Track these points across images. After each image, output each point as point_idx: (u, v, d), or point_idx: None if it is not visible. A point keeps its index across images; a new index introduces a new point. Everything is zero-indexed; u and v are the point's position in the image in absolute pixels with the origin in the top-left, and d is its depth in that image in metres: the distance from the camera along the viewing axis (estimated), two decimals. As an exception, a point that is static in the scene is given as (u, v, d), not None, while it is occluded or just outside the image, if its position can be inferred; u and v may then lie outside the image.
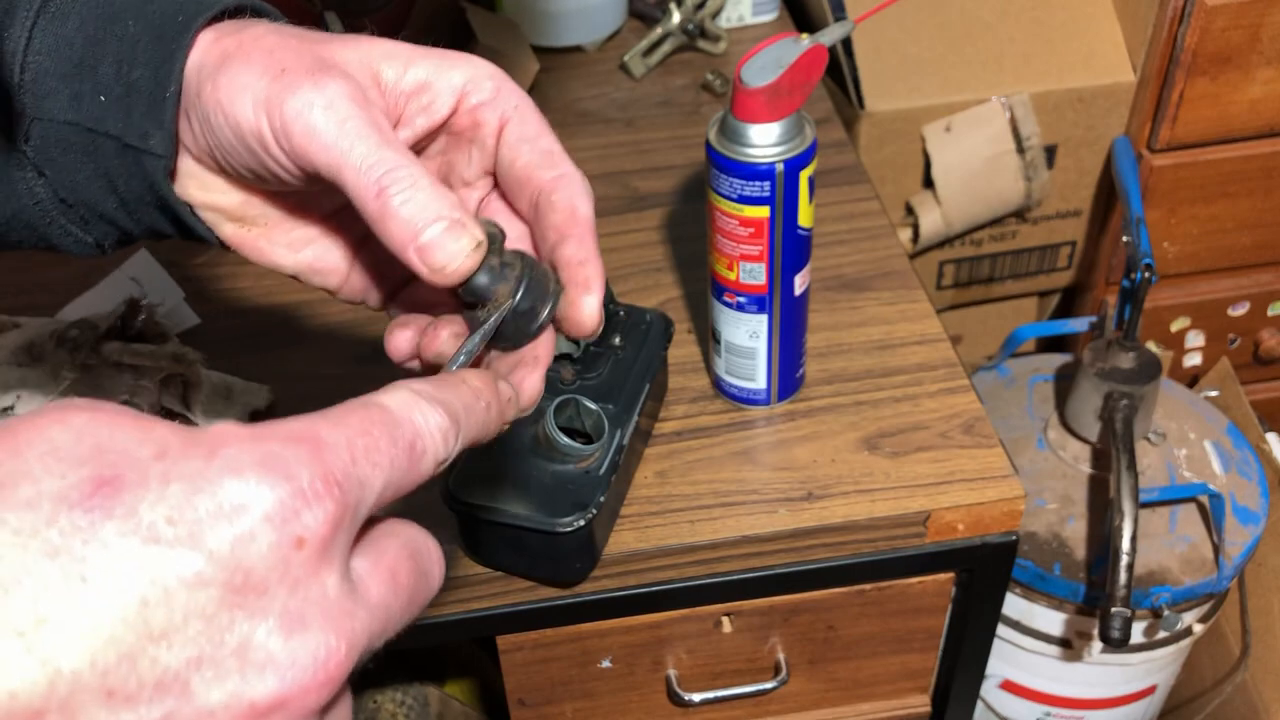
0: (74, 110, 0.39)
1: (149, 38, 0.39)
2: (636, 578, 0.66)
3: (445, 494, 0.61)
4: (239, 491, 0.25)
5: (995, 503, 0.66)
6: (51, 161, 0.40)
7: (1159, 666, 1.05)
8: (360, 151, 0.35)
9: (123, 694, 0.23)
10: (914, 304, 0.78)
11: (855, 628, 0.72)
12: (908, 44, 1.09)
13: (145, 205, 0.41)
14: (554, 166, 0.41)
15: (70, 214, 0.41)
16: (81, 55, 0.39)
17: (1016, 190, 1.12)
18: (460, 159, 0.42)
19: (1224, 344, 1.23)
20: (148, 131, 0.39)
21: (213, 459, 0.25)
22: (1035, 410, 1.08)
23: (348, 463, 0.27)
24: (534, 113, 0.41)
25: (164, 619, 0.24)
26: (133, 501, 0.24)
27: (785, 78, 0.59)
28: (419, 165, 0.36)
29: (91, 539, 0.24)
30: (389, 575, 0.29)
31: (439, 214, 0.35)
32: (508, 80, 0.41)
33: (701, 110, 0.99)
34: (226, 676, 0.25)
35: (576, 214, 0.40)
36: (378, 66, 0.39)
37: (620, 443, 0.62)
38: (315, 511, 0.26)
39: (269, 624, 0.25)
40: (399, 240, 0.35)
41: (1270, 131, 1.07)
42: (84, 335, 0.72)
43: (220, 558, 0.25)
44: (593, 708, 0.74)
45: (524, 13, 1.05)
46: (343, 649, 0.26)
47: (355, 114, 0.36)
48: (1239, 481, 1.01)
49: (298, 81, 0.36)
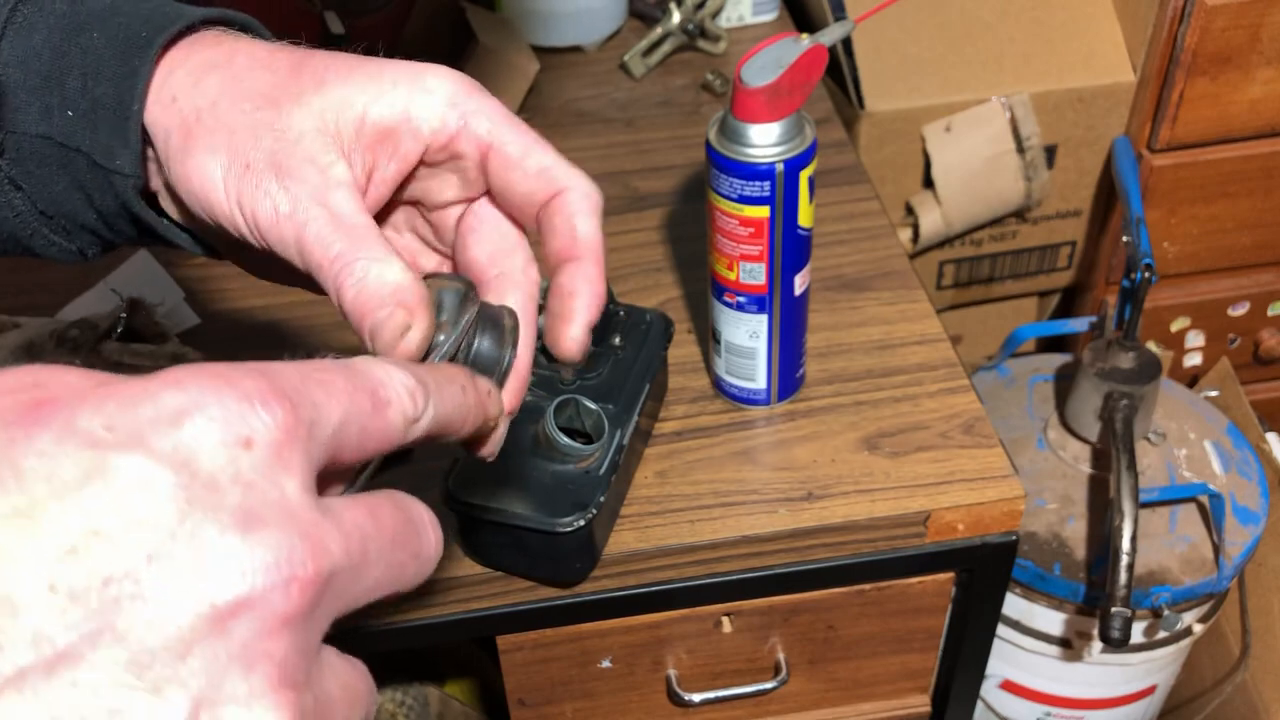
0: (45, 124, 0.39)
1: (112, 52, 0.38)
2: (636, 578, 0.66)
3: (445, 494, 0.61)
4: (180, 399, 0.25)
5: (995, 503, 0.66)
6: (28, 174, 0.40)
7: (1159, 666, 1.05)
8: (320, 251, 0.37)
9: (66, 590, 0.23)
10: (914, 304, 0.78)
11: (855, 628, 0.72)
12: (908, 44, 1.09)
13: (121, 220, 0.41)
14: (549, 184, 0.39)
15: (51, 224, 0.41)
16: (49, 68, 0.38)
17: (1016, 190, 1.12)
18: (435, 186, 0.42)
19: (1224, 344, 1.23)
20: (114, 150, 0.38)
21: (153, 379, 0.25)
22: (1035, 410, 1.08)
23: (297, 382, 0.27)
24: (512, 130, 0.39)
25: (107, 518, 0.23)
26: (69, 415, 0.24)
27: (785, 78, 0.59)
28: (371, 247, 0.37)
29: (28, 450, 0.23)
30: (367, 509, 0.28)
31: (382, 302, 0.36)
32: (469, 98, 0.39)
33: (701, 110, 0.99)
34: (181, 574, 0.23)
35: (575, 236, 0.39)
36: (335, 128, 0.38)
37: (620, 443, 0.62)
38: (263, 414, 0.25)
39: (222, 521, 0.24)
40: (355, 326, 0.37)
41: (1270, 131, 1.07)
42: (84, 335, 0.72)
43: (163, 454, 0.24)
44: (593, 708, 0.74)
45: (524, 13, 1.05)
46: (308, 550, 0.25)
47: (314, 214, 0.37)
48: (1239, 481, 1.01)
49: (263, 185, 0.37)
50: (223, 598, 0.24)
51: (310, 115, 0.38)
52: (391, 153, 0.39)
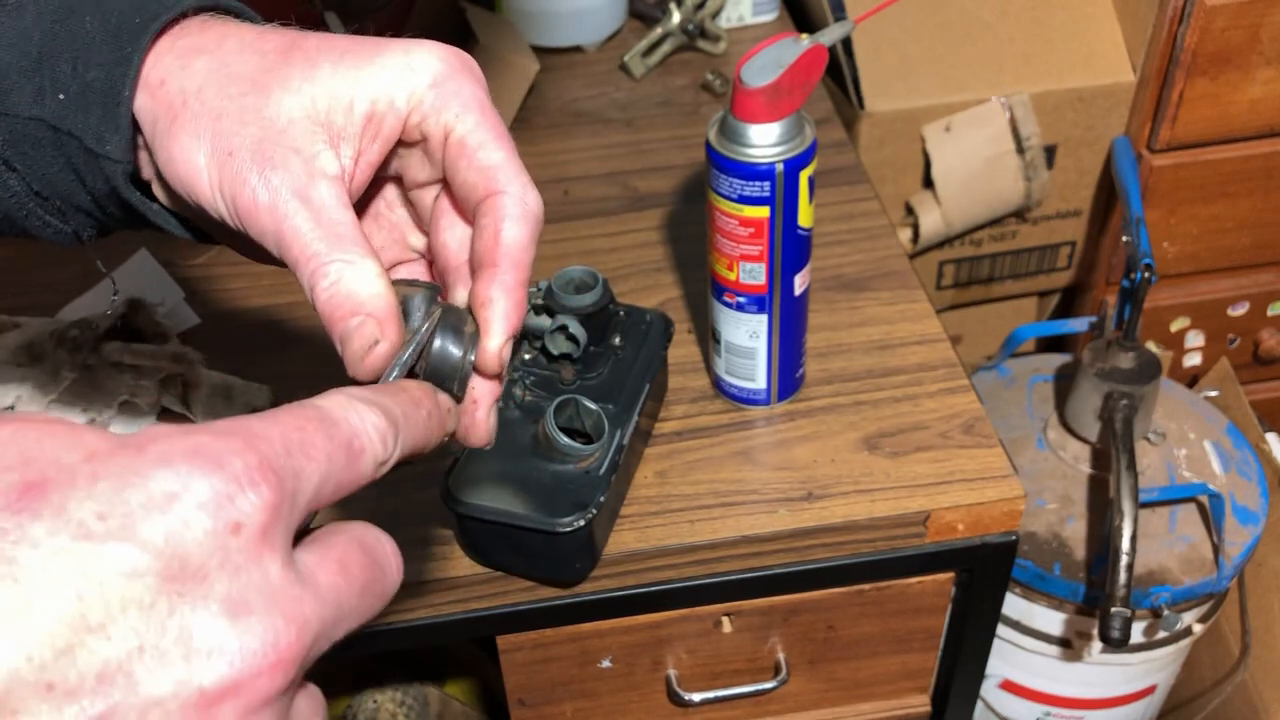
0: (37, 106, 0.39)
1: (104, 36, 0.38)
2: (636, 578, 0.66)
3: (445, 494, 0.61)
4: (170, 481, 0.25)
5: (995, 503, 0.66)
6: (22, 156, 0.40)
7: (1159, 666, 1.05)
8: (298, 247, 0.37)
9: (63, 687, 0.23)
10: (914, 304, 0.78)
11: (855, 628, 0.72)
12: (908, 44, 1.09)
13: (111, 203, 0.41)
14: (489, 183, 0.39)
15: (46, 205, 0.41)
16: (40, 49, 0.39)
17: (1016, 190, 1.12)
18: (413, 164, 0.42)
19: (1224, 344, 1.23)
20: (104, 135, 0.39)
21: (142, 454, 0.25)
22: (1035, 410, 1.08)
23: (281, 453, 0.27)
24: (477, 115, 0.39)
25: (101, 612, 0.24)
26: (60, 500, 0.24)
27: (785, 78, 0.59)
28: (348, 249, 0.37)
29: (21, 540, 0.24)
30: (338, 565, 0.29)
31: (353, 311, 0.37)
32: (452, 79, 0.39)
33: (701, 110, 0.99)
34: (172, 665, 0.24)
35: (499, 240, 0.38)
36: (325, 116, 0.38)
37: (620, 443, 0.62)
38: (250, 497, 0.26)
39: (211, 609, 0.25)
40: (327, 328, 0.37)
41: (1270, 131, 1.07)
42: (84, 335, 0.72)
43: (154, 546, 0.24)
44: (593, 708, 0.74)
45: (524, 13, 1.05)
46: (293, 632, 0.26)
47: (294, 209, 0.37)
48: (1239, 481, 1.01)
49: (245, 174, 0.37)
50: (211, 684, 0.25)
51: (300, 102, 0.38)
52: (375, 133, 0.39)
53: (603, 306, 0.67)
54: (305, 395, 0.31)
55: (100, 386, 0.70)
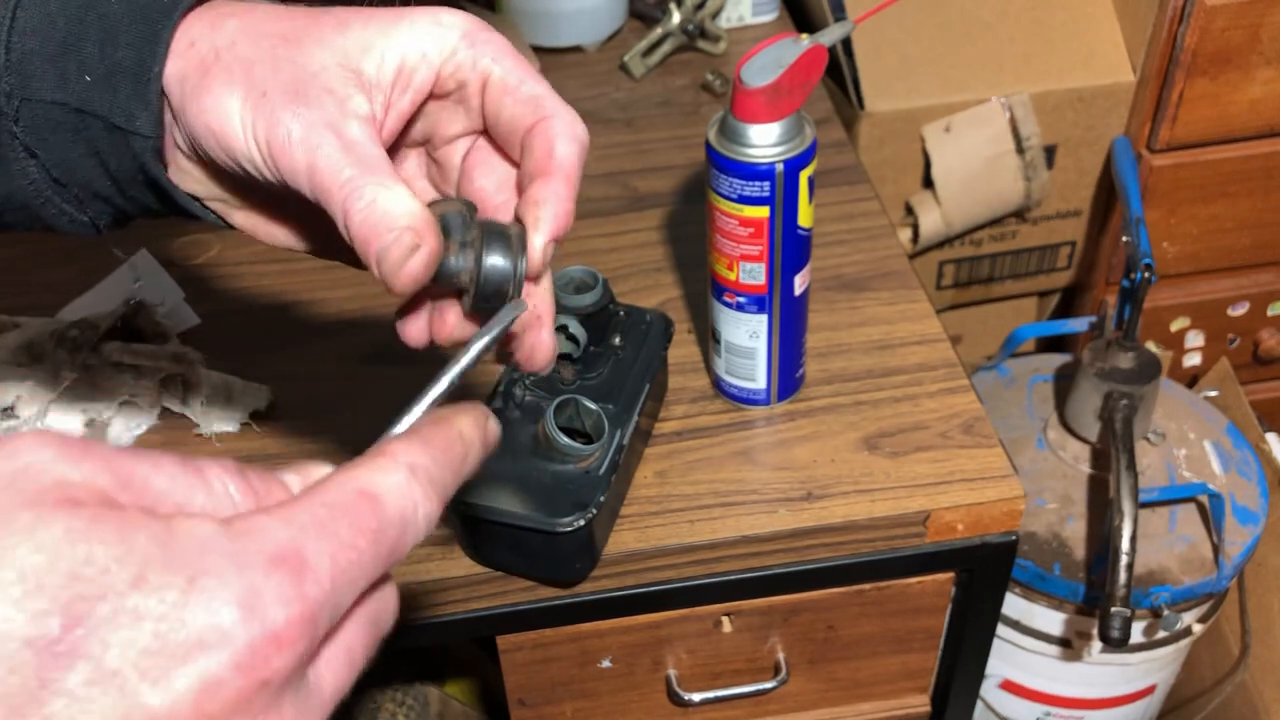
0: (61, 90, 0.39)
1: (132, 17, 0.39)
2: (636, 578, 0.66)
3: (445, 494, 0.61)
4: (212, 635, 0.25)
5: (995, 503, 0.66)
6: (43, 141, 0.40)
7: (1158, 666, 1.05)
8: (330, 175, 0.38)
9: None
10: (914, 304, 0.78)
11: (855, 628, 0.72)
12: (908, 44, 1.09)
13: (137, 184, 0.41)
14: (536, 110, 0.41)
15: (64, 193, 0.42)
16: (65, 34, 0.39)
17: (1016, 190, 1.13)
18: (444, 119, 0.43)
19: (1223, 344, 1.23)
20: (133, 112, 0.39)
21: (190, 591, 0.25)
22: (1035, 410, 1.08)
23: (327, 592, 0.27)
24: (512, 59, 0.42)
25: None
26: (101, 646, 0.24)
27: (785, 78, 0.59)
28: (381, 176, 0.38)
29: (60, 691, 0.24)
30: (346, 658, 0.29)
31: (390, 227, 0.37)
32: (481, 32, 0.41)
33: (701, 110, 0.99)
34: None
35: (551, 155, 0.41)
36: (357, 65, 0.39)
37: (620, 443, 0.63)
38: (283, 655, 0.26)
39: None
40: (361, 251, 0.38)
41: (1270, 131, 1.08)
42: (84, 335, 0.72)
43: (183, 707, 0.24)
44: (593, 707, 0.74)
45: (524, 13, 1.05)
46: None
47: (327, 140, 0.38)
48: (1238, 481, 1.01)
49: (278, 113, 0.38)
50: None
51: (332, 52, 0.39)
52: (405, 84, 0.40)
53: (603, 306, 0.67)
54: (305, 396, 0.31)
55: (100, 386, 0.71)
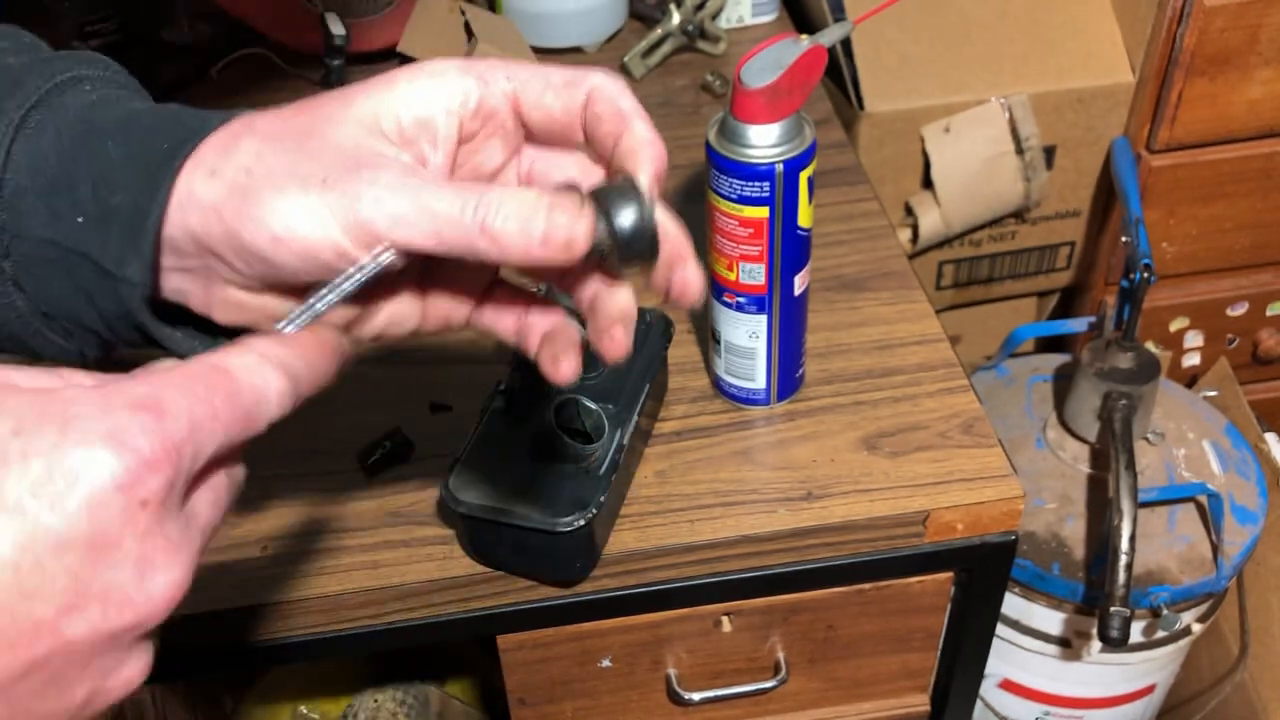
0: (52, 228, 0.39)
1: (129, 162, 0.38)
2: (636, 577, 0.66)
3: (446, 494, 0.61)
4: (91, 463, 0.29)
5: (994, 502, 0.66)
6: (32, 277, 0.40)
7: (1158, 666, 1.06)
8: (447, 201, 0.37)
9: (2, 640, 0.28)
10: (913, 304, 0.78)
11: (855, 627, 0.72)
12: (907, 44, 1.09)
13: (122, 324, 0.41)
14: (581, 86, 0.42)
15: (52, 325, 0.41)
16: (56, 173, 0.38)
17: (1016, 191, 1.13)
18: (482, 157, 0.43)
19: (1223, 344, 1.23)
20: (124, 258, 0.38)
21: (66, 432, 0.29)
22: (1034, 410, 1.08)
23: (186, 433, 0.31)
24: (523, 67, 0.42)
25: (35, 581, 0.28)
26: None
27: (785, 78, 0.59)
28: (486, 186, 0.38)
29: None
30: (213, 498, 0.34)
31: (535, 209, 0.38)
32: (475, 63, 0.41)
33: (701, 111, 0.99)
34: (90, 616, 0.30)
35: (621, 111, 0.42)
36: (379, 128, 0.39)
37: (620, 443, 0.63)
38: (156, 478, 0.30)
39: (126, 572, 0.30)
40: (521, 250, 0.38)
41: (1269, 132, 1.08)
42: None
43: (79, 523, 0.29)
44: (593, 707, 0.75)
45: (524, 13, 1.05)
46: (185, 575, 0.32)
47: (424, 181, 0.38)
48: (1237, 481, 1.01)
49: (354, 187, 0.37)
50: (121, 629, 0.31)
51: (352, 127, 0.39)
52: (433, 140, 0.40)
53: (603, 307, 0.67)
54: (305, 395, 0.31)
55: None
